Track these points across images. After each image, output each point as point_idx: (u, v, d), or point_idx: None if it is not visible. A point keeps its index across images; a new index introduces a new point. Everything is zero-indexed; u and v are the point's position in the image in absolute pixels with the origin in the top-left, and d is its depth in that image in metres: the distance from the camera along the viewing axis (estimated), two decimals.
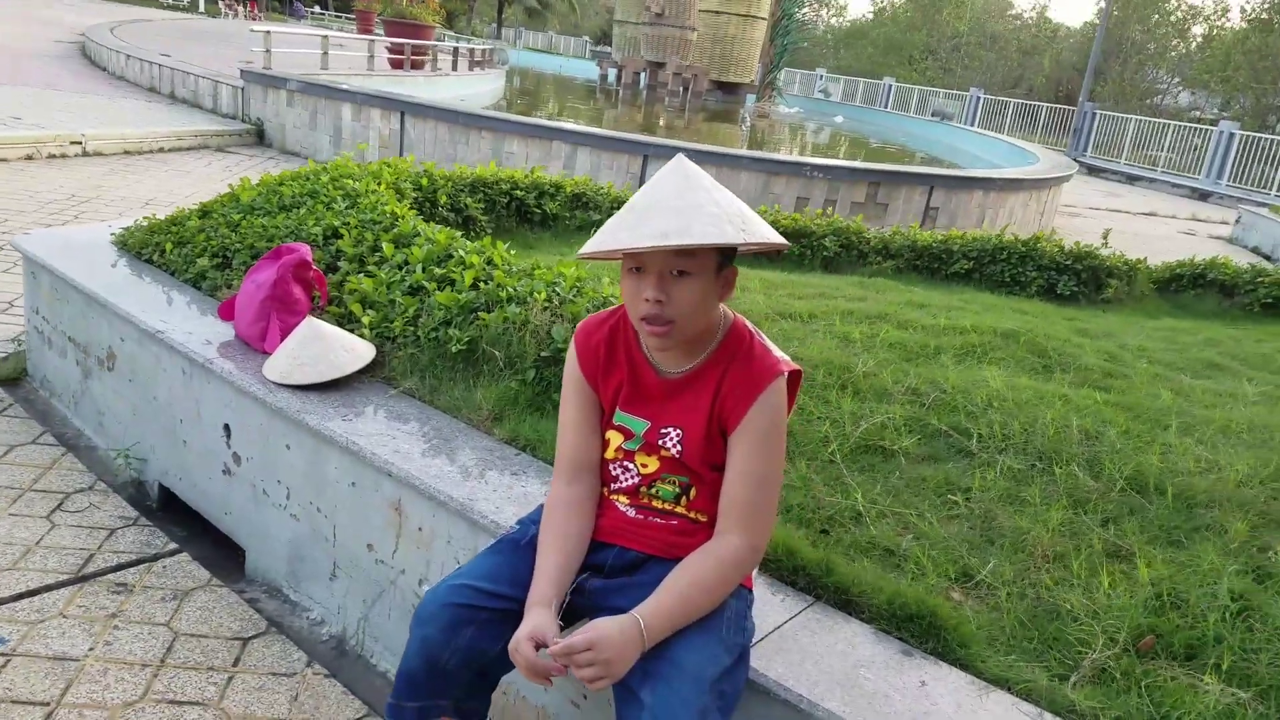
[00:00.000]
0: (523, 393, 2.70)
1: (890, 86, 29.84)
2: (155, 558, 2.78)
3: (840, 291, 4.55)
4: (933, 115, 23.80)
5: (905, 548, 2.21)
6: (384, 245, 3.34)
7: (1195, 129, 21.26)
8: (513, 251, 3.36)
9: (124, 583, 2.64)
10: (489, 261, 3.24)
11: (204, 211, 3.98)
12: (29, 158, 8.74)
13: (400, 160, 4.66)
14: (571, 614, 1.75)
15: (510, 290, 2.95)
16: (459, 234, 3.46)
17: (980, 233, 5.47)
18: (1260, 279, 5.73)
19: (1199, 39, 28.22)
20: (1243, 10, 23.86)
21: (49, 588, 2.57)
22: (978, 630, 1.94)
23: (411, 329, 2.93)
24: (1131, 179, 21.47)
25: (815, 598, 2.01)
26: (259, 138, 11.54)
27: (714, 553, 1.64)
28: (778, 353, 1.72)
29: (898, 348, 3.59)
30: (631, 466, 1.78)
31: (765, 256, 5.24)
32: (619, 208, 5.26)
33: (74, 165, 8.76)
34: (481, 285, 3.00)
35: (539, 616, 1.59)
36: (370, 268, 3.27)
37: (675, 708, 1.46)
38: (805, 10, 20.85)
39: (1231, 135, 19.64)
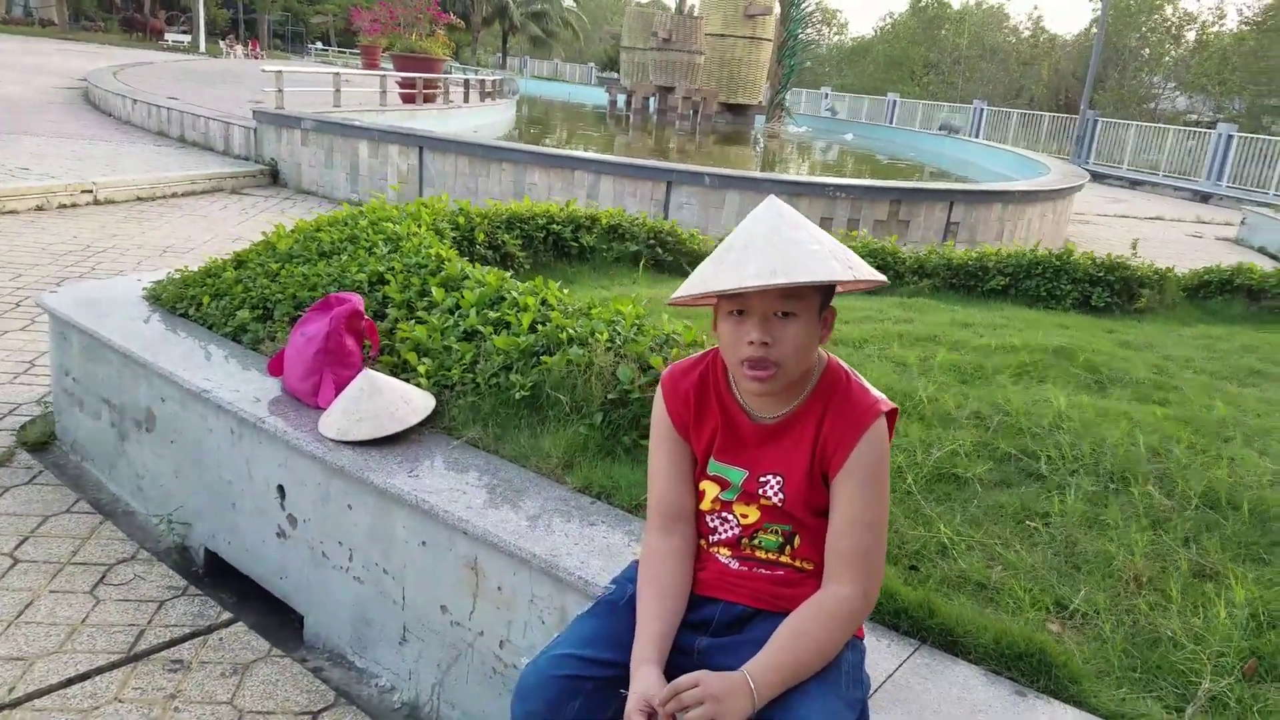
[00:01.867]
0: (591, 438, 2.59)
1: (895, 102, 29.85)
2: (210, 629, 2.66)
3: (885, 314, 4.47)
4: (939, 129, 23.78)
5: (996, 579, 2.15)
6: (433, 290, 3.24)
7: (1194, 132, 21.20)
8: (565, 290, 3.25)
9: (180, 659, 2.51)
10: (543, 302, 3.14)
11: (239, 261, 3.88)
12: (39, 208, 8.68)
13: (435, 200, 4.57)
14: (679, 674, 1.66)
15: (570, 331, 2.84)
16: (508, 274, 3.36)
17: (1014, 248, 5.38)
18: None
19: (1192, 43, 28.22)
20: (1240, 13, 23.82)
21: (100, 670, 2.45)
22: (1085, 664, 1.88)
23: (470, 376, 2.82)
24: (1134, 184, 21.43)
25: (920, 640, 1.93)
26: (273, 178, 11.51)
27: (824, 604, 1.54)
28: (875, 391, 1.64)
29: (953, 370, 3.53)
30: (730, 517, 1.68)
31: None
32: (656, 238, 5.25)
33: (86, 214, 8.70)
34: (539, 327, 2.89)
35: (647, 678, 1.49)
36: (420, 314, 3.17)
37: None
38: (810, 30, 20.80)
39: (1230, 137, 19.59)
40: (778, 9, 21.06)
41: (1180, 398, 3.39)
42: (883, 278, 1.56)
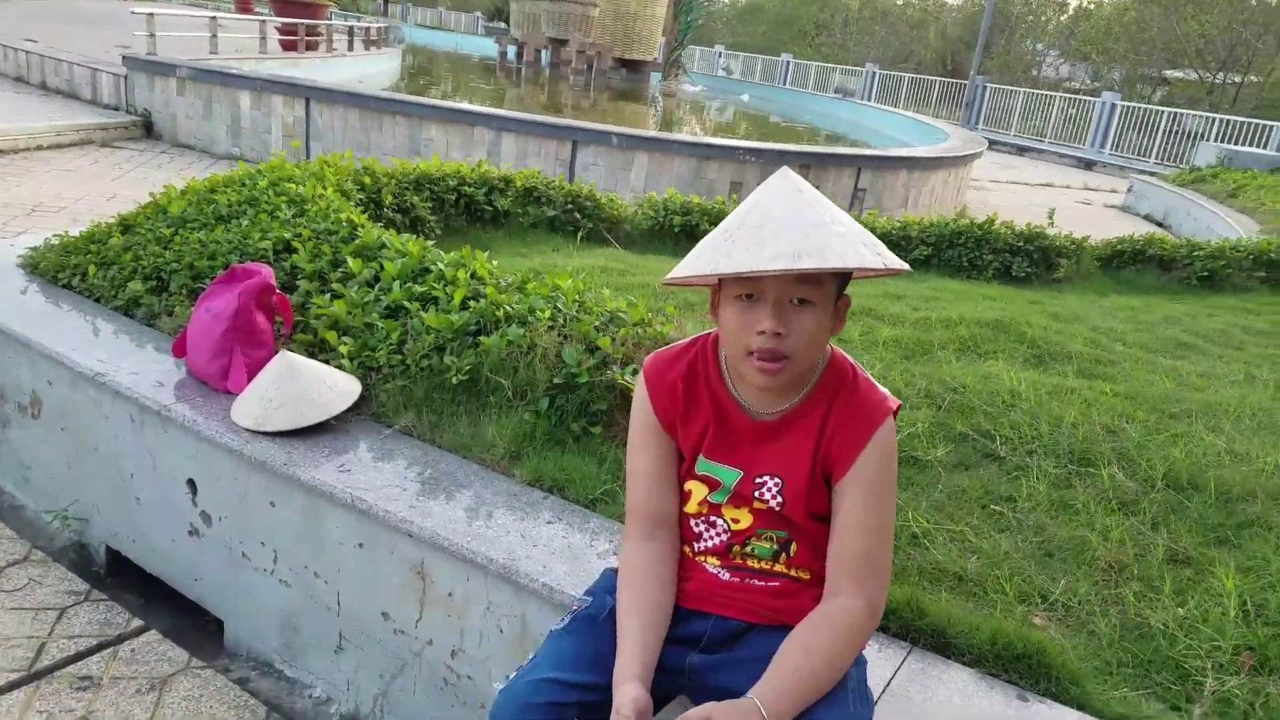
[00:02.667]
0: (539, 426, 2.43)
1: (788, 63, 29.97)
2: (120, 639, 2.40)
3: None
4: (835, 92, 24.02)
5: (974, 571, 2.10)
6: (349, 260, 2.99)
7: (1079, 100, 21.95)
8: (493, 261, 3.05)
9: (89, 675, 2.26)
10: (473, 275, 2.94)
11: (126, 226, 3.53)
12: None
13: (338, 157, 4.26)
14: (666, 695, 1.54)
15: (508, 309, 2.66)
16: (430, 244, 3.13)
17: (937, 218, 5.40)
18: (1195, 253, 5.86)
19: (1074, 11, 29.18)
20: None
21: None
22: (1081, 663, 1.84)
23: (398, 357, 2.61)
24: (1021, 150, 22.11)
25: (911, 643, 1.86)
26: (147, 130, 10.71)
27: (830, 619, 1.42)
28: (881, 388, 1.52)
29: (895, 346, 3.50)
30: (719, 522, 1.55)
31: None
32: (574, 203, 5.05)
33: None
34: (472, 304, 2.70)
35: (631, 693, 1.36)
36: (335, 286, 2.92)
37: None
38: None
39: (1114, 106, 20.35)
40: None
41: (1121, 373, 3.43)
42: (907, 266, 1.42)
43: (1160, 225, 11.91)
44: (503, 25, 26.49)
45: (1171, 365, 3.71)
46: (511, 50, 21.31)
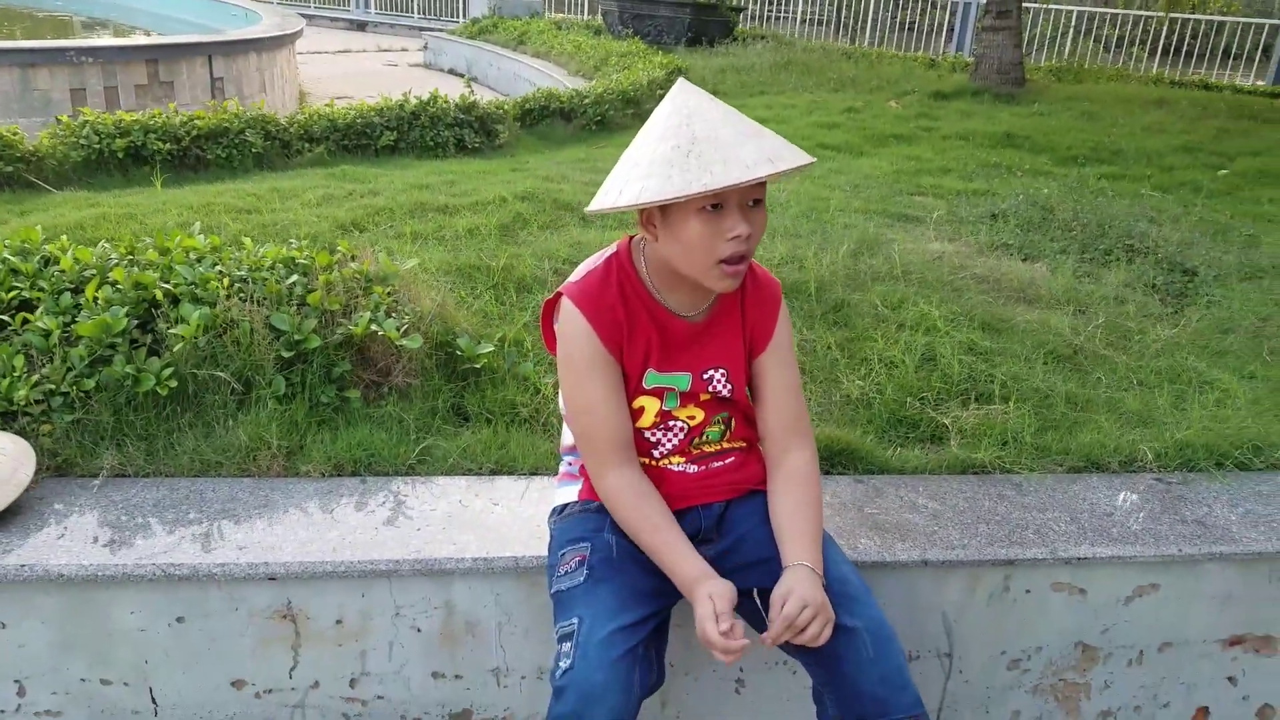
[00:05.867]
0: (297, 410, 2.09)
1: None
2: None
3: (314, 188, 4.07)
4: None
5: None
6: None
7: None
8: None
9: None
10: (46, 262, 2.28)
11: None
12: None
13: None
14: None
15: (165, 287, 2.16)
16: None
17: (394, 100, 5.32)
18: (585, 103, 6.69)
19: None
20: None
21: None
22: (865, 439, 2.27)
23: (49, 388, 1.98)
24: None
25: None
26: None
27: (804, 473, 1.63)
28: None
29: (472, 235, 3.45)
30: (676, 423, 1.64)
31: (219, 166, 4.49)
32: None
33: None
34: (102, 293, 2.12)
35: (713, 587, 1.45)
36: None
37: (875, 611, 1.52)
38: None
39: None
40: None
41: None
42: (813, 159, 1.51)
43: (459, 75, 12.73)
44: None
45: None
46: None
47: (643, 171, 1.40)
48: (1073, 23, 12.84)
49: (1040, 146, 6.00)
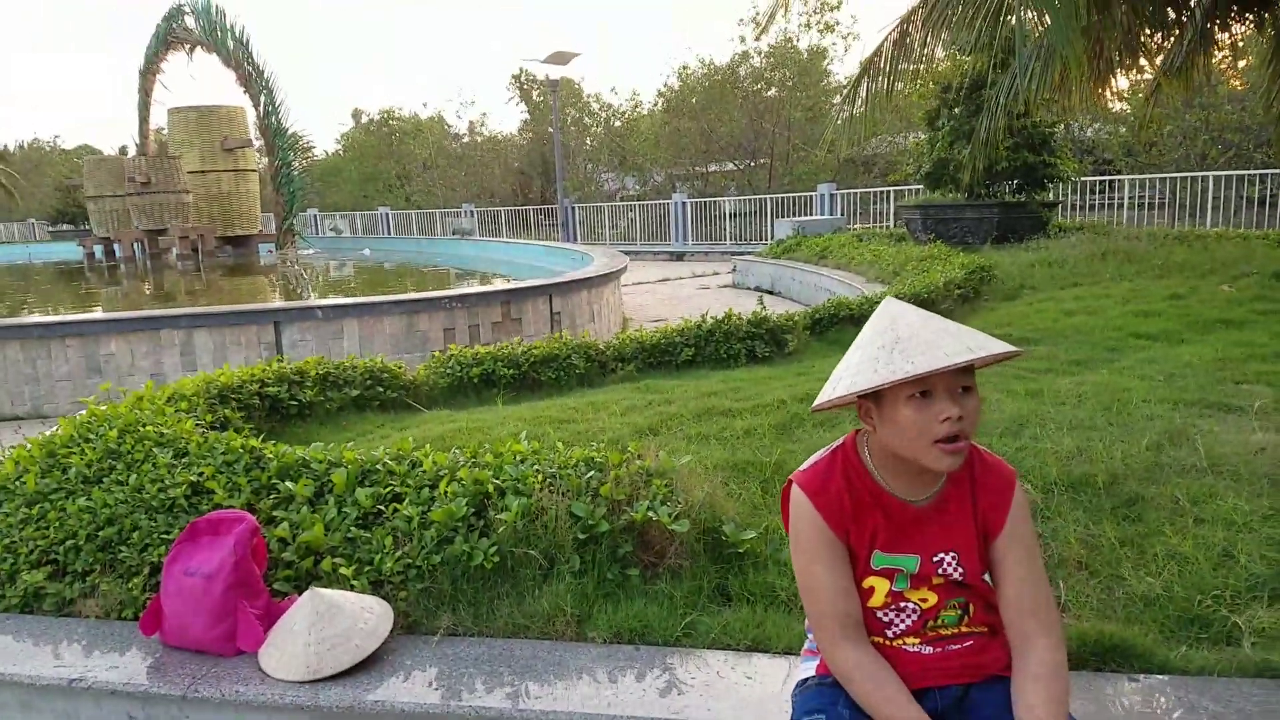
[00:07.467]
0: (587, 584, 2.49)
1: (388, 214, 30.52)
2: None
3: (620, 401, 4.66)
4: (453, 233, 24.80)
5: None
6: (279, 485, 2.83)
7: (656, 204, 24.62)
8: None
9: None
10: (412, 465, 2.92)
11: None
12: None
13: (138, 392, 3.87)
14: None
15: (495, 483, 2.70)
16: (347, 447, 3.04)
17: (693, 320, 5.99)
18: (874, 307, 7.01)
19: (619, 129, 32.36)
20: (660, 94, 27.76)
21: None
22: (1146, 638, 2.20)
23: (407, 562, 2.54)
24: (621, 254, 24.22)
25: None
26: None
27: (1048, 665, 1.63)
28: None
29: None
30: (908, 605, 1.70)
31: (550, 385, 5.31)
32: (373, 377, 4.94)
33: None
34: (452, 488, 2.70)
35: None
36: (279, 514, 2.74)
37: None
38: (303, 157, 20.52)
39: (684, 204, 23.04)
40: (256, 140, 20.64)
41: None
42: (1019, 349, 1.71)
43: (768, 292, 13.65)
44: (68, 227, 24.09)
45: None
46: (98, 250, 19.62)
47: (853, 369, 1.64)
48: None
49: None
